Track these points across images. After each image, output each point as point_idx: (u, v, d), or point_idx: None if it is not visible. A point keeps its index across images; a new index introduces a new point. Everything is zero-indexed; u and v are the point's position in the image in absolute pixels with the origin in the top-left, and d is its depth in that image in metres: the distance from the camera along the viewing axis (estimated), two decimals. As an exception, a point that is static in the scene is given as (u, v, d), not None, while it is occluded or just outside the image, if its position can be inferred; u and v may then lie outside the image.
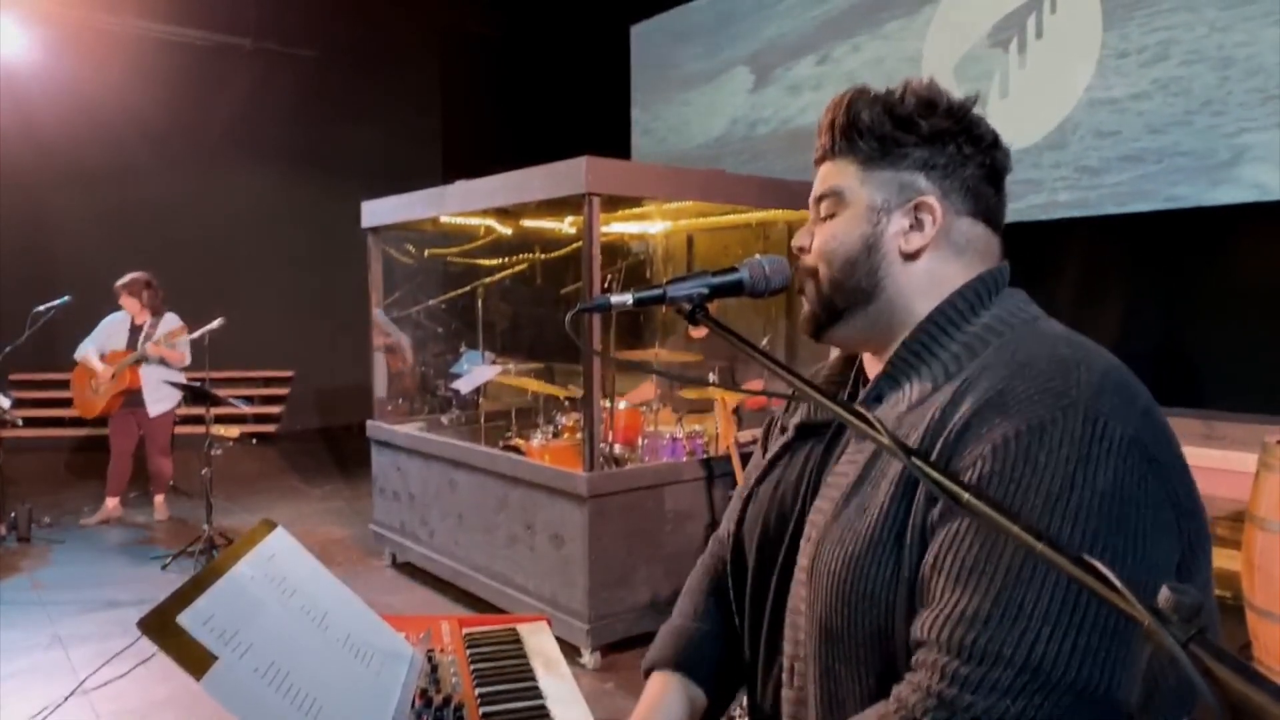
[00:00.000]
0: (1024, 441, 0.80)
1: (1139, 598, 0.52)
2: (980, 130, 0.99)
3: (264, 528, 1.18)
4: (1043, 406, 0.81)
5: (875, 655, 0.88)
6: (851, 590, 0.88)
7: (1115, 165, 5.03)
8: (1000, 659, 0.75)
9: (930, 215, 0.97)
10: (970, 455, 0.83)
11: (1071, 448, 0.79)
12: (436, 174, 9.00)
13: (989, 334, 0.93)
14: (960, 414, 0.86)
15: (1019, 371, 0.85)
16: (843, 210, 1.00)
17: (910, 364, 0.96)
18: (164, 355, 5.66)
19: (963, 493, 0.65)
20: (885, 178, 0.98)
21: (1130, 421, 0.81)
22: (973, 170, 0.98)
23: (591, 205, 3.60)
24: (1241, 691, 0.46)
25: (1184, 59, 4.71)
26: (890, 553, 0.86)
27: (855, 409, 0.77)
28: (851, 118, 0.98)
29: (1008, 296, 0.98)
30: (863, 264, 0.99)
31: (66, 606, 4.36)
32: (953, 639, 0.77)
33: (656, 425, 4.34)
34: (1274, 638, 3.14)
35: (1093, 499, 0.77)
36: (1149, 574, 0.77)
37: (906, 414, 0.93)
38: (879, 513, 0.88)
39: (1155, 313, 4.92)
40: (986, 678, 0.75)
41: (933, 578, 0.82)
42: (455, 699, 1.17)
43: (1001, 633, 0.75)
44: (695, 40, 7.96)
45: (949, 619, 0.78)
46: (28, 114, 8.11)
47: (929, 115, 0.97)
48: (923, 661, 0.80)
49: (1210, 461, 4.19)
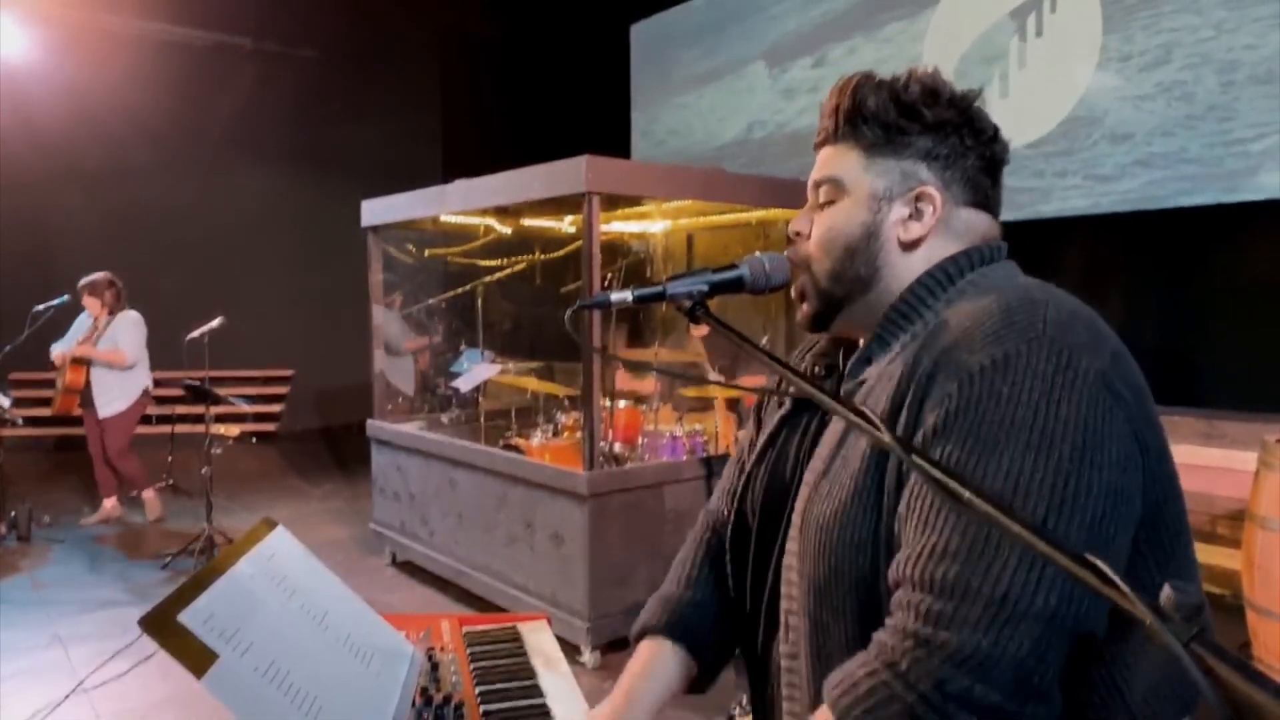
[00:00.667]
0: (988, 376, 0.81)
1: (1137, 592, 0.52)
2: (982, 123, 0.99)
3: (264, 527, 1.19)
4: (1009, 341, 0.82)
5: (861, 606, 0.88)
6: (838, 540, 0.89)
7: (1115, 166, 5.02)
8: (970, 591, 0.75)
9: (930, 205, 0.97)
10: (937, 394, 0.83)
11: (1036, 380, 0.79)
12: (436, 174, 9.00)
13: (969, 287, 0.95)
14: (931, 354, 0.87)
15: (987, 309, 0.86)
16: (842, 197, 1.00)
17: (897, 324, 0.97)
18: (91, 355, 5.53)
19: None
20: (888, 165, 0.98)
21: (1098, 357, 0.82)
22: (973, 161, 0.99)
23: (591, 204, 3.60)
24: (1243, 690, 0.46)
25: (1186, 62, 4.71)
26: (873, 502, 0.88)
27: (853, 405, 0.78)
28: (857, 103, 0.98)
29: (997, 265, 0.98)
30: (862, 252, 0.99)
31: (66, 606, 4.36)
32: (924, 575, 0.78)
33: (657, 424, 4.34)
34: (1274, 636, 3.14)
35: (1057, 428, 0.77)
36: (1114, 506, 0.78)
37: (887, 366, 0.94)
38: (860, 464, 0.90)
39: (1155, 312, 4.92)
40: (958, 612, 0.75)
41: (907, 519, 0.83)
42: (455, 697, 1.17)
43: (969, 566, 0.76)
44: (694, 42, 7.95)
45: (919, 556, 0.79)
46: (28, 114, 8.12)
47: (933, 104, 0.97)
48: (899, 602, 0.81)
49: (1210, 461, 4.19)
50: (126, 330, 5.62)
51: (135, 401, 5.71)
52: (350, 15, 9.40)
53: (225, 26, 9.08)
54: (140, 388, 5.72)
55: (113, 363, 5.56)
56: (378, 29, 9.70)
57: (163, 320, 6.34)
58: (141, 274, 6.92)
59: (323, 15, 9.31)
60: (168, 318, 6.31)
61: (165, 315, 6.46)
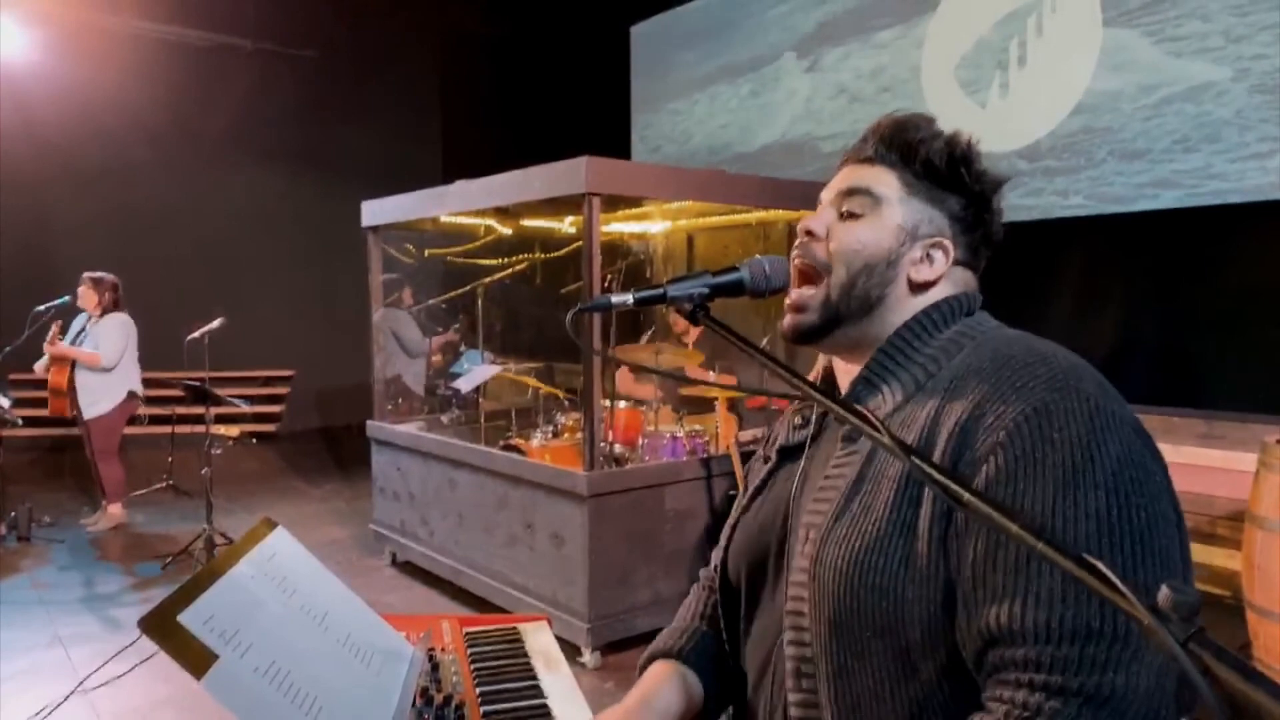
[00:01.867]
0: (1035, 422, 0.83)
1: (1139, 596, 0.52)
2: (998, 204, 1.04)
3: (264, 527, 1.19)
4: (1039, 391, 0.85)
5: (887, 649, 0.88)
6: (860, 583, 0.88)
7: (1117, 166, 5.03)
8: (1092, 632, 0.75)
9: (944, 256, 1.01)
10: (985, 444, 0.85)
11: (1080, 424, 0.82)
12: (436, 174, 9.00)
13: (962, 338, 0.98)
14: (962, 409, 0.88)
15: (1005, 364, 0.89)
16: (872, 215, 1.02)
17: (887, 368, 0.98)
18: (67, 355, 5.50)
19: (963, 492, 0.65)
20: (922, 207, 1.02)
21: (1114, 400, 0.86)
22: (981, 234, 1.04)
23: (591, 205, 3.60)
24: (1242, 691, 0.46)
25: (1185, 63, 4.71)
26: (897, 546, 0.87)
27: (857, 409, 0.77)
28: (916, 138, 1.02)
29: (979, 315, 1.03)
30: (879, 274, 1.00)
31: (66, 606, 4.36)
32: (1036, 625, 0.77)
33: (657, 424, 4.34)
34: (1274, 637, 3.14)
35: (1112, 466, 0.80)
36: (1169, 531, 0.81)
37: (892, 415, 0.95)
38: (885, 510, 0.89)
39: (1155, 313, 4.91)
40: (1084, 655, 0.75)
41: (986, 571, 0.82)
42: (456, 698, 1.17)
43: (1082, 608, 0.76)
44: (694, 44, 7.96)
45: (1023, 606, 0.78)
46: (28, 114, 8.11)
47: (976, 175, 1.02)
48: (1010, 659, 0.79)
49: (1210, 461, 4.19)
50: (109, 332, 5.56)
51: (119, 404, 5.64)
52: (350, 15, 9.40)
53: (225, 27, 9.08)
54: (124, 390, 5.65)
55: (89, 364, 5.52)
56: (378, 29, 9.70)
57: (163, 320, 6.35)
58: (141, 274, 6.93)
59: (322, 15, 9.31)
60: (167, 318, 6.32)
61: (165, 315, 6.47)
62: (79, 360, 5.53)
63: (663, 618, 3.82)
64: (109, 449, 5.70)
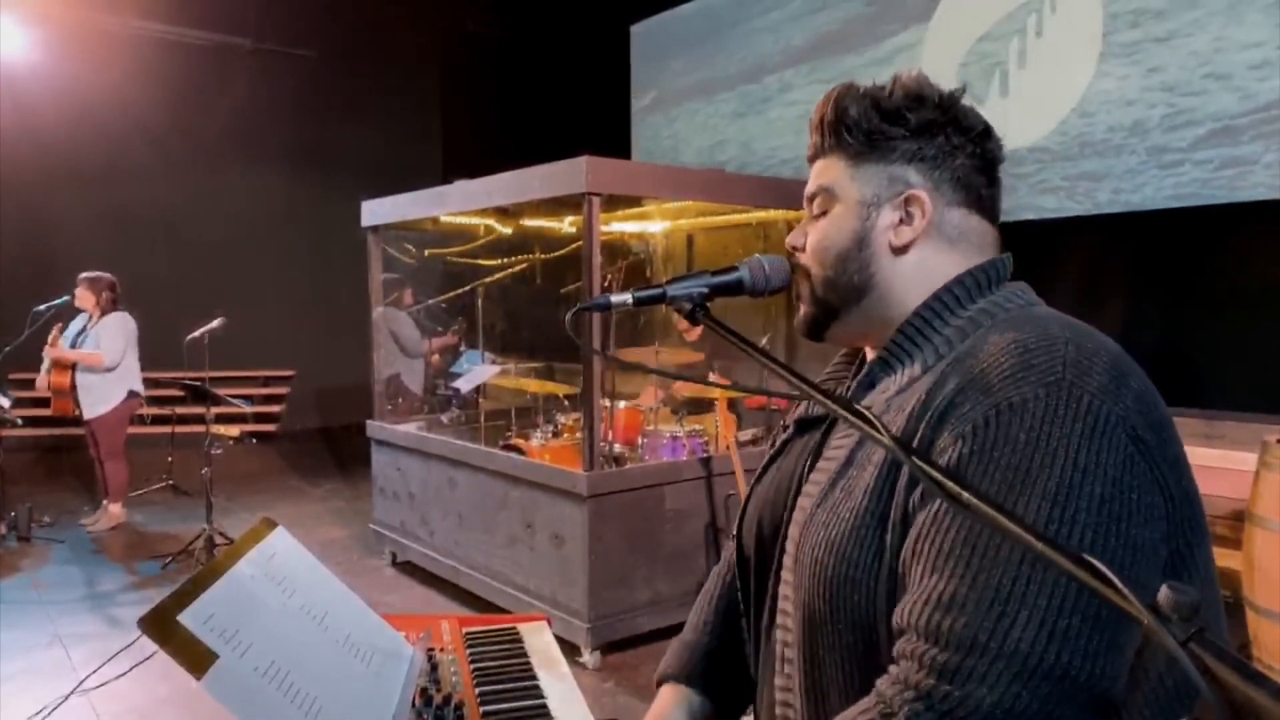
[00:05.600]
0: (1004, 418, 0.78)
1: (1133, 591, 0.52)
2: (969, 120, 0.98)
3: (264, 527, 1.18)
4: (1026, 384, 0.79)
5: (859, 642, 0.86)
6: (834, 574, 0.87)
7: (1117, 168, 5.02)
8: (976, 645, 0.72)
9: (919, 208, 0.96)
10: (951, 434, 0.81)
11: (1054, 426, 0.76)
12: (436, 174, 9.00)
13: (982, 317, 0.93)
14: (945, 393, 0.85)
15: (1006, 349, 0.83)
16: (833, 207, 1.00)
17: (904, 348, 0.95)
18: (67, 357, 5.50)
19: (963, 492, 0.64)
20: (874, 172, 0.98)
21: (1119, 401, 0.79)
22: (962, 161, 0.98)
23: (591, 205, 3.60)
24: (1242, 690, 0.46)
25: (1185, 64, 4.71)
26: (873, 537, 0.85)
27: (853, 406, 0.77)
28: (839, 113, 0.99)
29: (1006, 287, 0.97)
30: (854, 259, 0.99)
31: (66, 606, 4.36)
32: (929, 624, 0.75)
33: (656, 424, 4.34)
34: (1274, 637, 3.14)
35: (1074, 477, 0.75)
36: (1135, 559, 0.75)
37: (895, 397, 0.93)
38: (864, 496, 0.87)
39: (1155, 313, 4.91)
40: (963, 665, 0.72)
41: (913, 563, 0.80)
42: (456, 698, 1.17)
43: (978, 617, 0.73)
44: (694, 45, 7.95)
45: (925, 604, 0.77)
46: (28, 114, 8.12)
47: (917, 108, 0.97)
48: (902, 651, 0.78)
49: (1210, 461, 4.19)
50: (109, 332, 5.57)
51: (121, 403, 5.64)
52: (350, 15, 9.40)
53: (225, 26, 9.08)
54: (125, 390, 5.65)
55: (91, 364, 5.52)
56: (377, 29, 9.70)
57: (163, 320, 6.35)
58: (141, 274, 6.94)
59: (322, 15, 9.31)
60: (167, 318, 6.32)
61: (165, 315, 6.47)
62: (81, 362, 5.53)
63: (663, 618, 3.83)
64: (115, 449, 5.71)
